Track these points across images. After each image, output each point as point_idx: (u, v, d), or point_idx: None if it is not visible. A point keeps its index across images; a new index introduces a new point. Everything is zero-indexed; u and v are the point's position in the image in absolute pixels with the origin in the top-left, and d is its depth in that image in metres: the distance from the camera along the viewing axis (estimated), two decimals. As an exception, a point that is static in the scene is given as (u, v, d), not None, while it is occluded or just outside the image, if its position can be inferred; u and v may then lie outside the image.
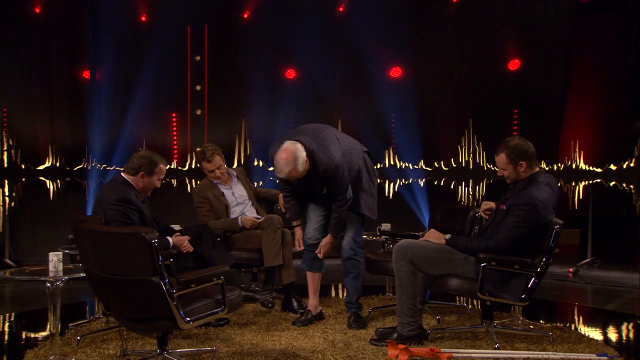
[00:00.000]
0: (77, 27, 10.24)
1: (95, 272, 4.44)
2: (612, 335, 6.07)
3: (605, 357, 4.94)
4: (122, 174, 5.32)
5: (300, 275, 6.32)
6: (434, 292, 5.99)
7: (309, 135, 5.62)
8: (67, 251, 5.53)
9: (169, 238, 5.48)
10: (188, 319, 4.34)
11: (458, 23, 10.62)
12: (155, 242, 4.15)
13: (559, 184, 10.05)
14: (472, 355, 4.98)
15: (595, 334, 5.93)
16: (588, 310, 7.32)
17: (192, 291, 4.44)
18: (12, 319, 6.62)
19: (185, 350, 5.05)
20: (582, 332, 5.91)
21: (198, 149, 6.82)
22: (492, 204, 5.48)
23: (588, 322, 6.72)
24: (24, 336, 6.06)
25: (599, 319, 6.82)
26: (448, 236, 5.27)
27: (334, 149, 5.61)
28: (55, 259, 4.76)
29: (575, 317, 6.98)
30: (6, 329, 6.32)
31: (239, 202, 6.85)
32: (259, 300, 5.85)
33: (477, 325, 5.61)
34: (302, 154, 5.44)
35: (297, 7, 10.62)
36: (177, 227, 6.00)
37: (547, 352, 5.01)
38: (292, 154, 5.40)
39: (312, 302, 6.06)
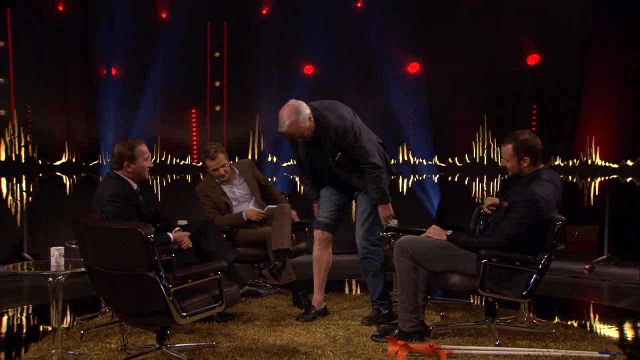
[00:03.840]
0: (95, 23, 10.33)
1: (94, 267, 4.50)
2: (619, 332, 6.01)
3: (608, 355, 4.88)
4: (112, 170, 5.35)
5: (301, 271, 6.35)
6: (435, 289, 5.99)
7: (318, 102, 5.69)
8: (74, 246, 5.58)
9: (170, 234, 5.50)
10: (184, 314, 4.38)
11: (475, 18, 10.53)
12: (151, 237, 4.18)
13: (574, 180, 9.96)
14: (472, 351, 4.95)
15: (601, 331, 5.89)
16: (598, 307, 7.21)
17: (190, 286, 4.48)
18: (29, 311, 6.74)
19: (184, 345, 5.07)
20: (589, 330, 5.86)
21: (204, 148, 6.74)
22: (496, 200, 5.46)
23: (596, 320, 6.65)
24: (32, 329, 6.17)
25: (607, 317, 6.76)
26: (449, 232, 5.25)
27: (345, 111, 5.62)
28: (57, 253, 4.82)
29: (584, 315, 6.89)
30: (22, 321, 6.44)
31: (241, 201, 6.82)
32: (263, 295, 5.85)
33: (479, 322, 5.56)
34: (306, 110, 5.49)
35: (315, 3, 10.62)
36: (183, 222, 6.04)
37: (549, 350, 4.97)
38: (294, 108, 5.47)
39: (317, 297, 6.07)
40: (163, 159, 10.56)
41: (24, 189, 9.68)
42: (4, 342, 5.70)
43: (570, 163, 10.01)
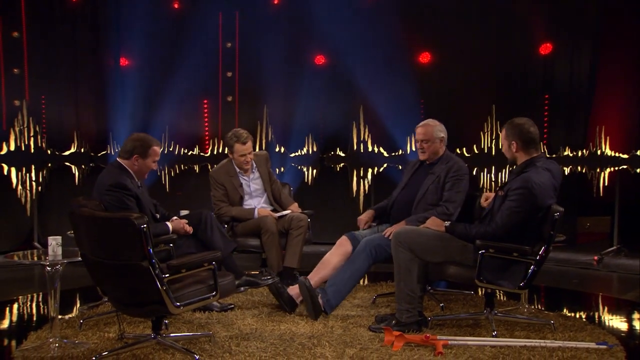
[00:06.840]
0: (106, 14, 10.39)
1: (90, 256, 4.52)
2: (619, 324, 5.96)
3: (605, 346, 4.85)
4: (117, 158, 5.37)
5: (304, 261, 6.45)
6: (432, 279, 5.97)
7: None
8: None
9: (168, 223, 5.51)
10: (178, 303, 4.40)
11: (487, 7, 10.45)
12: (144, 227, 4.20)
13: (584, 171, 9.86)
14: (468, 342, 4.93)
15: (603, 322, 5.86)
16: (603, 299, 7.14)
17: (185, 276, 4.50)
18: (39, 299, 6.78)
19: (180, 334, 5.08)
20: (589, 321, 5.79)
21: (229, 134, 6.65)
22: (491, 195, 5.44)
23: (599, 311, 6.60)
24: (35, 317, 6.23)
25: (612, 308, 6.72)
26: (447, 223, 5.24)
27: None
28: (54, 243, 4.85)
29: (587, 306, 6.84)
30: (25, 310, 6.49)
31: (253, 196, 6.80)
32: (261, 285, 5.83)
33: (478, 313, 5.57)
34: (445, 135, 6.12)
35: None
36: (185, 211, 6.04)
37: (545, 341, 4.94)
38: (440, 124, 6.17)
39: (312, 275, 5.83)
40: (171, 149, 10.60)
41: (34, 178, 9.77)
42: (6, 330, 5.76)
43: (580, 153, 9.91)
